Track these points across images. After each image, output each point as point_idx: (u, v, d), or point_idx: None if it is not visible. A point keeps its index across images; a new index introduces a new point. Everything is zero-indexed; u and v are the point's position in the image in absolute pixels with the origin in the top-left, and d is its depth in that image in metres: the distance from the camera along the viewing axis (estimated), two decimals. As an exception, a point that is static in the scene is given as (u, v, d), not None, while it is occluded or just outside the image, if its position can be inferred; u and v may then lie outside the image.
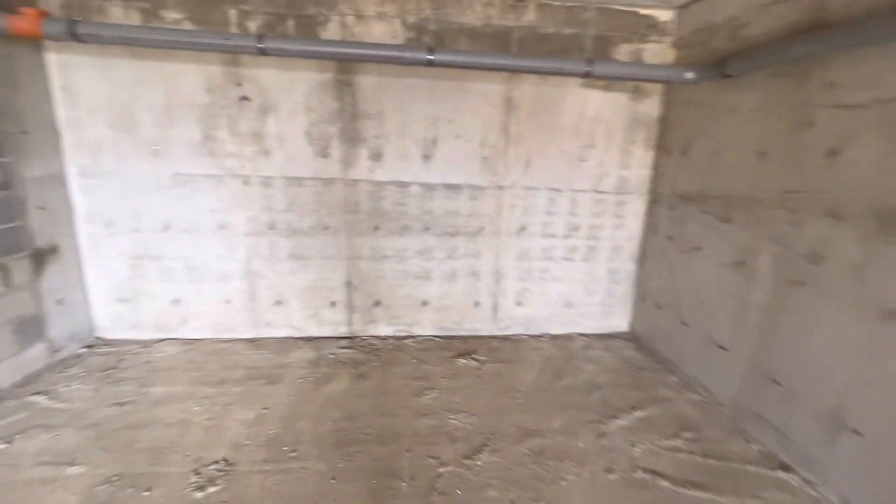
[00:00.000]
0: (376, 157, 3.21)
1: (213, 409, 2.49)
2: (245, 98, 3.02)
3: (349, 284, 3.41)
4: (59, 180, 2.96)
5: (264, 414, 2.48)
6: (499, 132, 3.26)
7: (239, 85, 3.00)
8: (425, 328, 3.56)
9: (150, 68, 2.92)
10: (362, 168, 3.22)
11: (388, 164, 3.23)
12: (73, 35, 2.42)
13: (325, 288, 3.40)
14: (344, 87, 3.07)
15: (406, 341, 3.46)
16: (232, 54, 2.92)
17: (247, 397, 2.63)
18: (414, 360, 3.16)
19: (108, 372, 2.85)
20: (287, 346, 3.30)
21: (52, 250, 2.92)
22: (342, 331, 3.49)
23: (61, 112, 2.94)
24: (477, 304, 3.57)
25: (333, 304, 3.44)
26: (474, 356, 3.26)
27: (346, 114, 3.12)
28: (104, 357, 3.05)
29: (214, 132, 3.05)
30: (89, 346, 3.18)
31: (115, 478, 1.97)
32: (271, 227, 3.25)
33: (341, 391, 2.74)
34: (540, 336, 3.66)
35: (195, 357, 3.09)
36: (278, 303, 3.39)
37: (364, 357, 3.19)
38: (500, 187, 3.36)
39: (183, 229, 3.19)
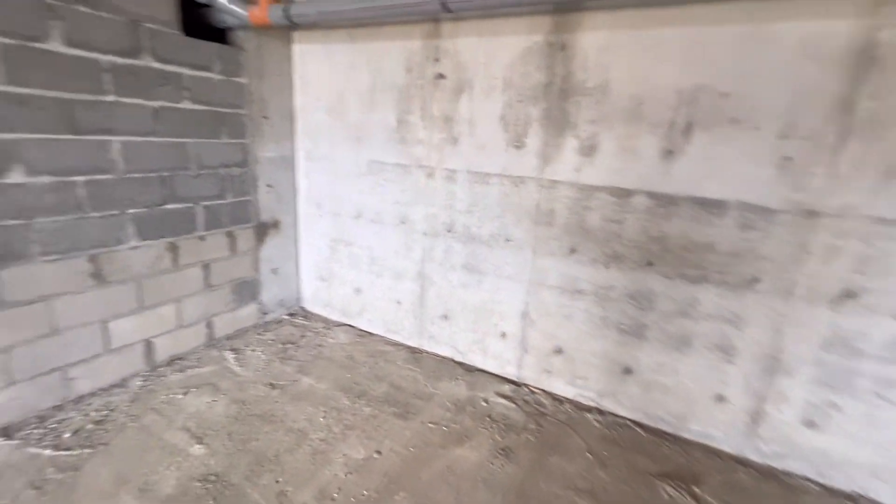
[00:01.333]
0: (588, 150, 2.23)
1: (333, 430, 2.19)
2: (440, 76, 2.56)
3: (526, 316, 2.60)
4: (287, 162, 3.24)
5: (373, 460, 2.01)
6: (827, 112, 1.75)
7: (437, 60, 2.55)
8: (622, 406, 2.41)
9: (360, 50, 2.80)
10: (566, 165, 2.31)
11: (605, 162, 2.21)
12: (288, 18, 2.43)
13: (495, 313, 2.70)
14: (556, 51, 2.21)
15: (588, 416, 2.41)
16: (433, 23, 2.49)
17: (370, 426, 2.23)
18: (588, 457, 2.12)
19: (287, 346, 2.98)
20: (442, 370, 2.79)
21: (274, 224, 3.25)
22: (508, 371, 2.73)
23: (297, 99, 3.18)
24: (720, 398, 2.17)
25: (503, 335, 2.70)
26: (695, 487, 1.95)
27: (555, 89, 2.25)
28: (294, 328, 3.25)
29: (408, 116, 2.73)
30: (291, 314, 3.49)
31: (212, 477, 1.85)
32: (449, 228, 2.74)
33: (470, 465, 2.01)
34: (849, 496, 1.95)
35: (355, 354, 2.94)
36: (445, 317, 2.90)
37: (522, 420, 2.35)
38: (813, 213, 1.84)
39: (371, 219, 3.05)
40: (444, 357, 2.94)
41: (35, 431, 2.03)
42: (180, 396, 2.37)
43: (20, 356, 2.05)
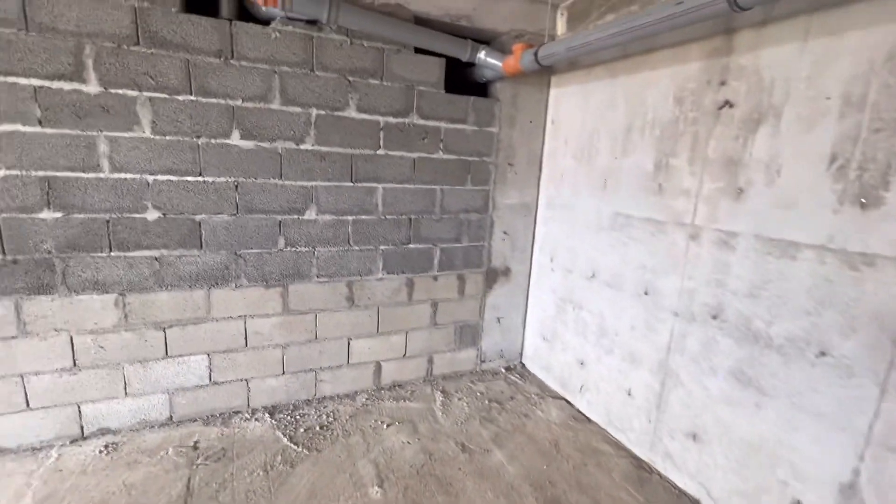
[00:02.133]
0: None
1: (505, 536, 1.79)
2: (726, 104, 1.85)
3: (853, 493, 1.49)
4: (527, 210, 3.09)
5: None
6: None
7: (722, 84, 1.86)
8: None
9: (619, 85, 2.38)
10: None
11: None
12: (537, 61, 2.28)
13: (784, 463, 1.68)
14: (982, 34, 1.20)
15: None
16: (722, 35, 1.84)
17: (549, 556, 1.71)
18: None
19: (492, 405, 2.76)
20: (675, 516, 1.94)
21: (504, 272, 3.14)
22: (799, 571, 1.63)
23: (547, 145, 3.01)
24: None
25: (796, 506, 1.65)
26: None
27: (969, 103, 1.22)
28: (506, 386, 3.02)
29: (670, 159, 2.11)
30: (508, 368, 3.27)
31: (374, 534, 1.77)
32: (715, 314, 1.93)
33: None
34: None
35: (563, 441, 2.43)
36: (692, 436, 2.04)
37: None
38: None
39: (606, 281, 2.52)
40: (682, 492, 2.06)
41: (286, 417, 2.50)
42: (385, 427, 2.47)
43: (292, 353, 2.59)
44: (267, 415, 2.50)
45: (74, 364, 2.13)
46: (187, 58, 2.07)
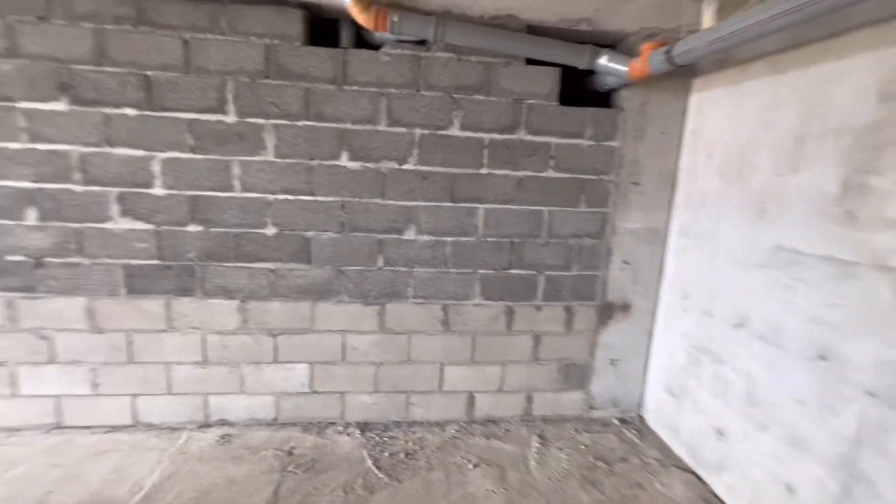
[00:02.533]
0: None
1: None
2: (974, 95, 1.26)
3: None
4: (655, 236, 2.62)
5: None
6: None
7: (966, 67, 1.27)
8: None
9: (787, 82, 1.85)
10: None
11: None
12: (670, 61, 1.90)
13: None
14: None
15: None
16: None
17: None
18: None
19: (597, 465, 2.35)
20: None
21: (623, 308, 2.70)
22: None
23: (683, 159, 2.53)
24: None
25: None
26: None
27: None
28: (619, 443, 2.56)
29: (867, 177, 1.53)
30: (623, 421, 2.79)
31: None
32: (944, 405, 1.30)
33: None
34: None
35: (686, 532, 1.92)
36: (897, 579, 1.40)
37: None
38: None
39: (759, 334, 1.95)
40: None
41: (375, 437, 2.48)
42: (470, 467, 2.28)
43: (385, 372, 2.57)
44: (358, 431, 2.52)
45: (205, 359, 2.43)
46: (307, 86, 2.22)
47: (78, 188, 2.19)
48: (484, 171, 2.43)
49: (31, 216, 2.19)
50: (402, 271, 2.48)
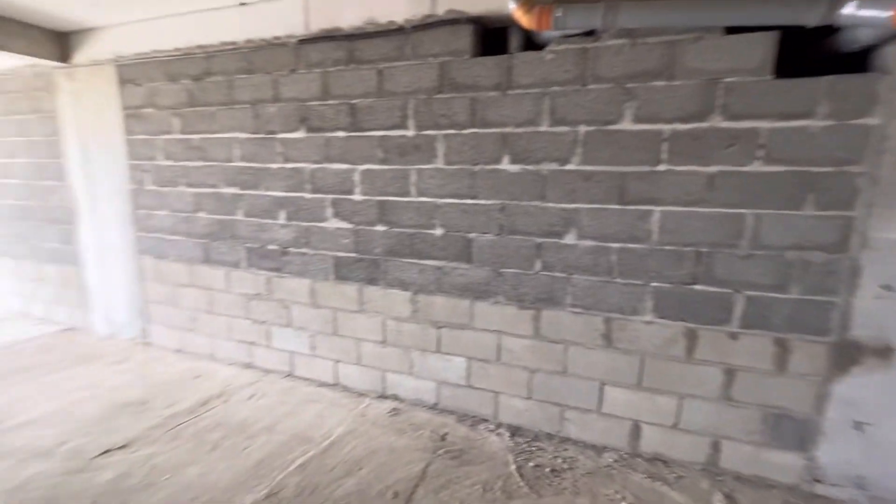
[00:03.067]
0: None
1: None
2: None
3: None
4: (947, 252, 1.77)
5: None
6: None
7: None
8: None
9: None
10: None
11: None
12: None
13: None
14: None
15: None
16: None
17: None
18: None
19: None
20: None
21: (880, 352, 1.92)
22: None
23: None
24: None
25: None
26: None
27: None
28: (857, 540, 1.83)
29: None
30: (872, 512, 1.98)
31: None
32: None
33: None
34: None
35: None
36: None
37: None
38: None
39: None
40: None
41: (524, 444, 2.43)
42: (624, 505, 2.00)
43: (539, 380, 2.50)
44: (508, 433, 2.52)
45: (384, 340, 2.83)
46: (473, 95, 2.35)
47: (308, 196, 2.87)
48: (661, 167, 2.09)
49: (282, 217, 2.98)
50: (560, 277, 2.35)
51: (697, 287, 2.13)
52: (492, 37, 2.38)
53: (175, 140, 3.23)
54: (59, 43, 3.43)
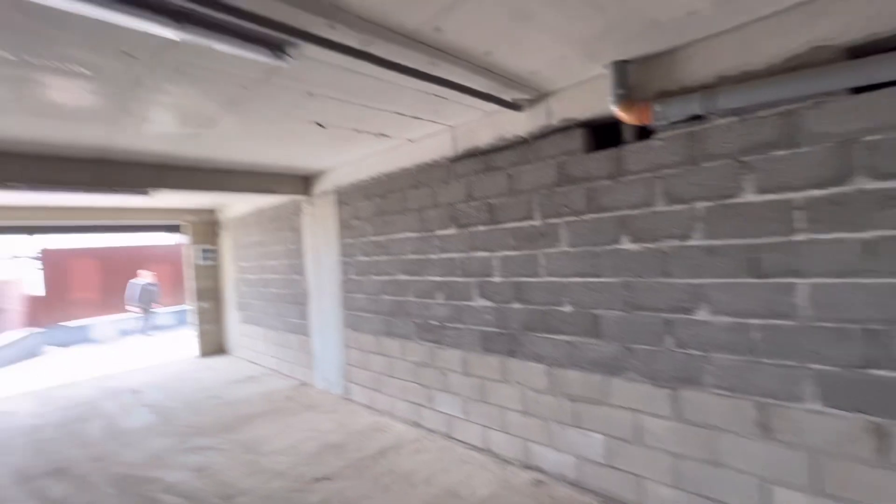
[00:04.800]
0: None
1: None
2: None
3: None
4: None
5: None
6: None
7: None
8: None
9: None
10: None
11: None
12: None
13: None
14: None
15: None
16: None
17: None
18: None
19: None
20: None
21: None
22: None
23: None
24: None
25: None
26: None
27: None
28: None
29: None
30: None
31: None
32: None
33: None
34: None
35: None
36: None
37: None
38: None
39: None
40: None
41: (673, 540, 2.25)
42: None
43: (685, 467, 2.32)
44: (654, 524, 2.37)
45: (525, 410, 3.05)
46: (588, 185, 2.63)
47: (459, 279, 3.46)
48: (801, 237, 1.94)
49: (440, 297, 3.63)
50: (696, 355, 2.26)
51: (875, 372, 1.79)
52: (606, 130, 2.66)
53: (369, 241, 4.34)
54: (305, 183, 5.11)
